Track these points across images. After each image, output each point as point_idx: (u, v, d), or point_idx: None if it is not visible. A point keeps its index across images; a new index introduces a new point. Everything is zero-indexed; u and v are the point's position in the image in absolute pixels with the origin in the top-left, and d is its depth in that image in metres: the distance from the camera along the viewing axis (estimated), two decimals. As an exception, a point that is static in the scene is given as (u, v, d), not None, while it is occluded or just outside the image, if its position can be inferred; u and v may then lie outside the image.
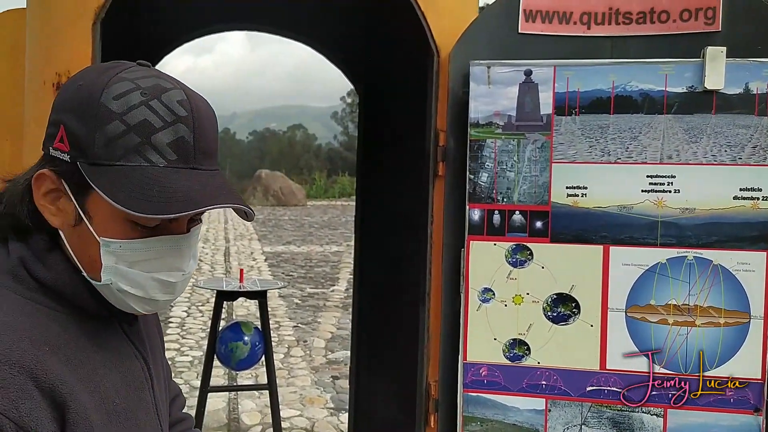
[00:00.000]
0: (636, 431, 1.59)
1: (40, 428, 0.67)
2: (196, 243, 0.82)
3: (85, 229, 0.76)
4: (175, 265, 0.78)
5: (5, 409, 0.65)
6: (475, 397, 1.68)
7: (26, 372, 0.68)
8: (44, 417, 0.68)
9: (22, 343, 0.70)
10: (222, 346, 3.52)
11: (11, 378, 0.67)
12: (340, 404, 4.30)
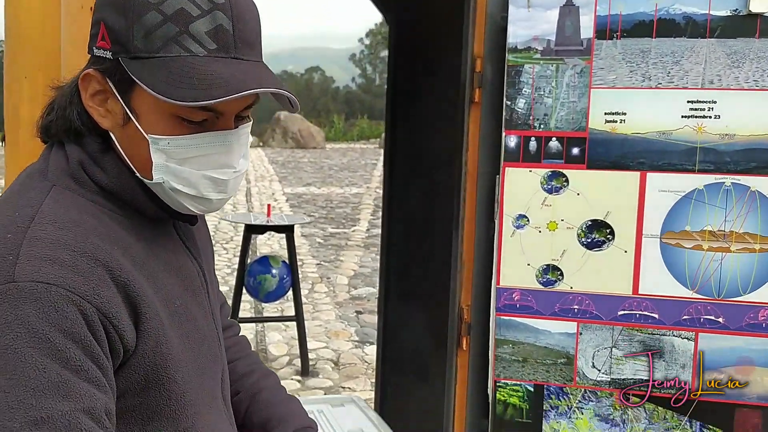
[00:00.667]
0: (666, 354, 1.63)
1: (120, 318, 0.70)
2: (247, 142, 0.82)
3: (134, 128, 0.76)
4: (225, 161, 0.78)
5: (88, 295, 0.68)
6: (508, 320, 1.72)
7: (101, 264, 0.70)
8: (122, 309, 0.71)
9: (93, 238, 0.72)
10: (251, 279, 3.61)
11: (89, 267, 0.69)
12: (364, 337, 4.41)
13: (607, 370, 1.67)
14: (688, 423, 1.63)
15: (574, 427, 1.69)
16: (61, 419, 0.63)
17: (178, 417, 0.79)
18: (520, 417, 1.73)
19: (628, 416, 1.66)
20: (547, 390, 1.71)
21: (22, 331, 0.64)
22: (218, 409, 0.89)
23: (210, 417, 0.85)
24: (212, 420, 0.86)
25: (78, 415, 0.64)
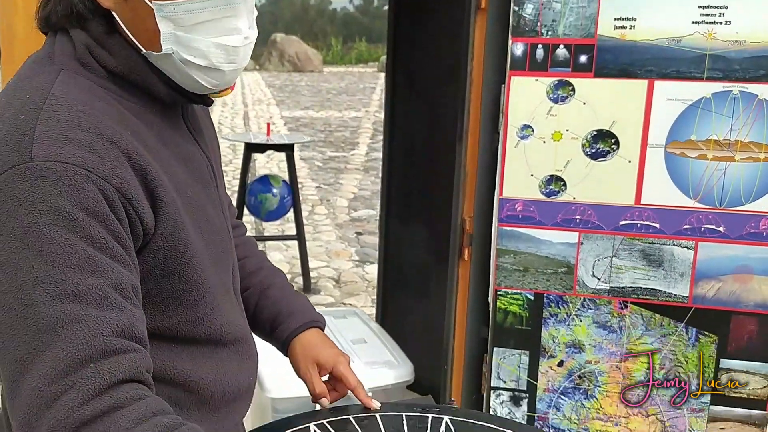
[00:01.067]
0: (666, 263, 1.65)
1: (139, 199, 0.70)
2: (253, 9, 0.80)
3: (136, 0, 0.74)
4: (234, 26, 0.76)
5: (107, 175, 0.67)
6: (510, 231, 1.73)
7: (117, 146, 0.70)
8: (139, 191, 0.71)
9: (106, 121, 0.71)
10: (251, 198, 3.61)
11: (105, 148, 0.68)
12: (364, 257, 4.46)
13: (606, 279, 1.69)
14: (684, 329, 1.67)
15: (572, 333, 1.74)
16: (92, 293, 0.64)
17: (197, 303, 0.80)
18: (519, 324, 1.77)
19: (626, 323, 1.70)
20: (547, 298, 1.74)
21: (45, 209, 0.63)
22: (231, 301, 0.91)
23: (226, 306, 0.87)
24: (227, 310, 0.88)
25: (107, 289, 0.65)
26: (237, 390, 0.90)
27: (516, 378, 1.80)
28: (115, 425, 0.60)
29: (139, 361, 0.67)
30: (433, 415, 0.96)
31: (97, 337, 0.63)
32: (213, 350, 0.85)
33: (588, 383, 1.75)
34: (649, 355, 1.69)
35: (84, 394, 0.60)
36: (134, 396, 0.63)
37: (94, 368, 0.62)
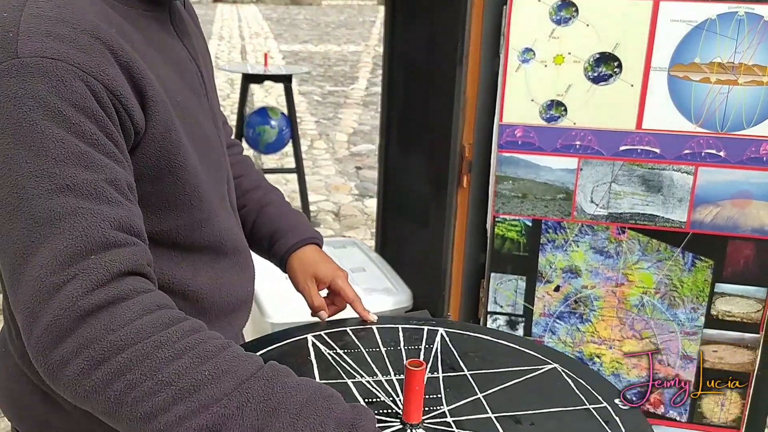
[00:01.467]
0: (665, 188, 1.65)
1: (127, 97, 0.68)
2: None
3: None
4: None
5: (93, 72, 0.65)
6: (509, 157, 1.72)
7: (102, 42, 0.68)
8: (127, 88, 0.69)
9: (91, 17, 0.68)
10: (249, 130, 3.59)
11: (91, 44, 0.66)
12: (364, 191, 4.46)
13: (604, 205, 1.69)
14: (681, 254, 1.68)
15: (569, 259, 1.75)
16: (87, 187, 0.63)
17: (194, 207, 0.80)
18: (517, 250, 1.78)
19: (622, 248, 1.71)
20: (545, 224, 1.74)
21: (34, 105, 0.62)
22: (228, 211, 0.91)
23: (223, 215, 0.87)
24: (224, 218, 0.88)
25: (102, 184, 0.64)
26: (236, 300, 0.91)
27: (513, 303, 1.82)
28: (120, 316, 0.60)
29: (140, 255, 0.66)
30: (429, 327, 0.97)
31: (95, 229, 0.62)
32: (212, 259, 0.86)
33: (583, 308, 1.78)
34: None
35: (87, 284, 0.60)
36: (138, 289, 0.63)
37: (95, 260, 0.61)
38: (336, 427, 0.60)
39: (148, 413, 0.58)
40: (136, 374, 0.58)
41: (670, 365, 1.76)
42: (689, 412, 1.78)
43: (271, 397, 0.60)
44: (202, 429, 0.58)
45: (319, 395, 0.63)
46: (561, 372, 0.87)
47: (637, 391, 0.91)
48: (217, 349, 0.62)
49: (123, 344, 0.59)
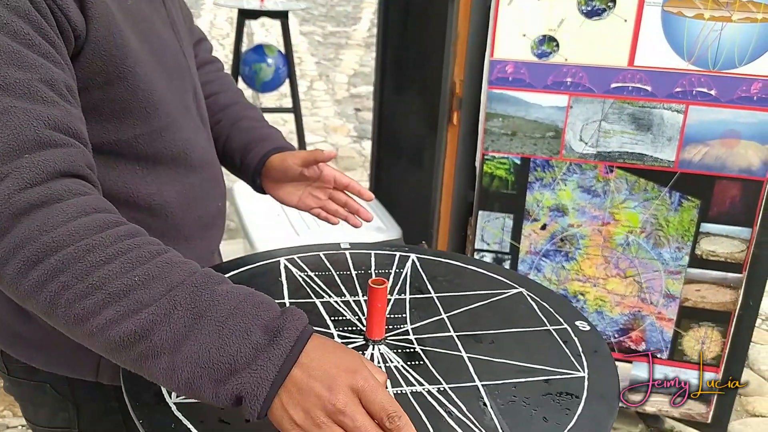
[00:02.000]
0: (654, 127, 1.64)
1: (68, 5, 0.67)
2: None
3: None
4: None
5: None
6: (499, 94, 1.70)
7: None
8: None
9: None
10: (246, 68, 3.54)
11: None
12: (362, 133, 4.43)
13: (593, 143, 1.69)
14: (668, 194, 1.68)
15: (557, 197, 1.75)
16: (20, 87, 0.62)
17: (150, 115, 0.79)
18: (505, 188, 1.78)
19: (610, 187, 1.71)
20: (533, 163, 1.74)
21: None
22: (195, 123, 0.89)
23: (187, 126, 0.86)
24: (187, 129, 0.86)
25: (37, 84, 0.63)
26: (207, 215, 0.91)
27: (499, 240, 1.83)
28: (53, 217, 0.59)
29: (76, 156, 0.64)
30: (401, 254, 0.98)
31: (28, 128, 0.61)
32: (179, 173, 0.85)
33: (569, 246, 1.79)
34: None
35: (20, 182, 0.59)
36: (73, 191, 0.62)
37: (29, 159, 0.60)
38: (262, 333, 0.59)
39: (80, 316, 0.58)
40: (68, 276, 0.58)
41: (652, 304, 1.78)
42: (670, 349, 1.81)
43: (198, 303, 0.59)
44: (130, 333, 0.58)
45: (248, 302, 0.61)
46: (526, 296, 0.88)
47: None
48: (150, 255, 0.61)
49: (56, 246, 0.58)
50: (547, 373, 0.73)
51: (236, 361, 0.57)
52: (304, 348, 0.59)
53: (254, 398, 0.57)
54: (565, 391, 0.70)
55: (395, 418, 0.56)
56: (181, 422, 0.64)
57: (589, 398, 0.69)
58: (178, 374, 0.58)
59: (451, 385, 0.70)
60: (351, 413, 0.56)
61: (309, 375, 0.57)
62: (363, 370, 0.58)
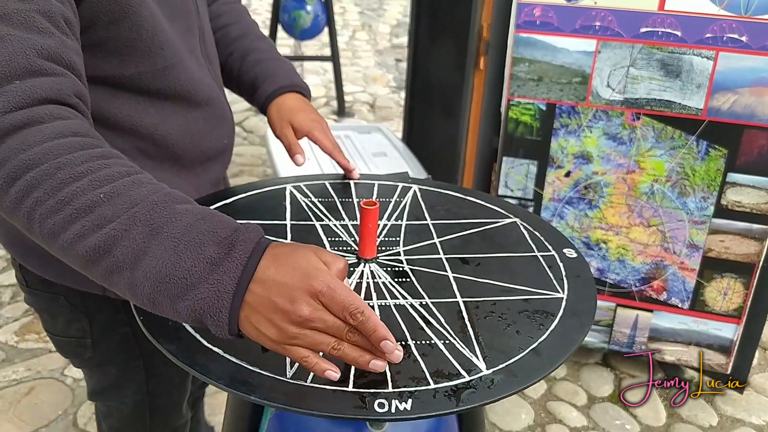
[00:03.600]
0: (683, 73, 1.61)
1: None
2: None
3: None
4: None
5: None
6: (526, 38, 1.69)
7: None
8: None
9: None
10: (285, 15, 3.56)
11: None
12: (401, 84, 4.41)
13: (621, 90, 1.67)
14: (695, 142, 1.66)
15: (582, 144, 1.74)
16: (17, 16, 0.65)
17: (154, 54, 0.81)
18: (530, 135, 1.78)
19: (636, 135, 1.70)
20: (559, 109, 1.73)
21: None
22: (199, 62, 0.92)
23: (190, 65, 0.88)
24: (192, 69, 0.89)
25: (33, 15, 0.66)
26: (211, 150, 0.94)
27: (523, 187, 1.84)
28: (32, 137, 0.62)
29: (65, 85, 0.67)
30: (404, 185, 1.01)
31: (20, 55, 0.64)
32: (183, 108, 0.88)
33: (593, 194, 1.79)
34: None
35: (6, 105, 0.62)
36: (55, 115, 0.65)
37: (18, 85, 0.63)
38: (216, 247, 0.60)
39: (52, 231, 0.61)
40: (41, 192, 0.61)
41: (675, 253, 1.77)
42: (691, 299, 1.81)
43: (156, 219, 0.60)
44: (95, 248, 0.60)
45: (206, 219, 0.62)
46: (519, 225, 0.91)
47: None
48: (119, 175, 0.63)
49: (32, 163, 0.61)
50: (527, 293, 0.76)
51: (191, 275, 0.59)
52: (260, 262, 0.60)
53: (217, 311, 0.59)
54: (542, 309, 0.72)
55: (357, 314, 0.58)
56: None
57: (564, 317, 0.71)
58: (140, 290, 0.60)
59: (433, 300, 0.74)
60: (318, 317, 0.58)
61: (268, 290, 0.58)
62: (319, 273, 0.59)
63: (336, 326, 0.59)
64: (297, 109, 1.02)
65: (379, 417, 0.58)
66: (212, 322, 0.59)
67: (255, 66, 1.05)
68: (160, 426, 1.11)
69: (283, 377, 0.62)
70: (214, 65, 0.98)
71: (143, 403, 1.05)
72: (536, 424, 1.86)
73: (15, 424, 1.75)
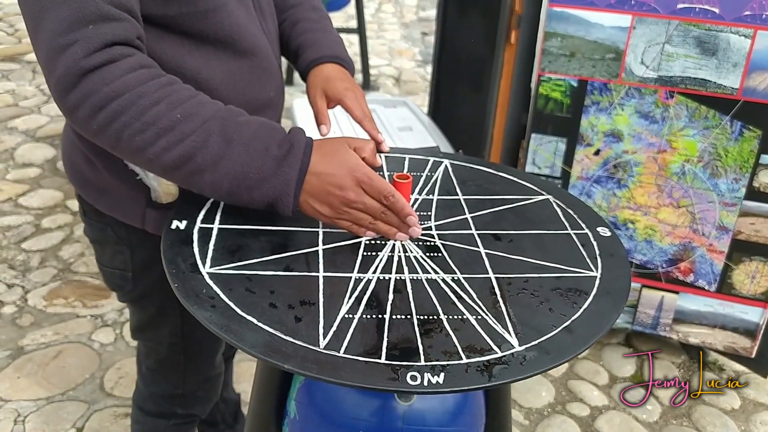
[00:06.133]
0: (720, 52, 1.57)
1: None
2: None
3: None
4: None
5: None
6: (560, 12, 1.66)
7: None
8: None
9: None
10: (313, -14, 3.52)
11: None
12: (427, 57, 4.38)
13: (655, 67, 1.63)
14: (729, 122, 1.62)
15: (613, 122, 1.72)
16: None
17: None
18: (560, 111, 1.76)
19: (669, 114, 1.67)
20: (591, 85, 1.71)
21: None
22: (248, 11, 0.93)
23: (238, 12, 0.90)
24: (240, 16, 0.90)
25: None
26: (255, 101, 0.95)
27: (551, 164, 1.82)
28: (111, 73, 0.73)
29: (130, 30, 0.76)
30: (435, 159, 1.00)
31: (91, 2, 0.73)
32: (227, 55, 0.90)
33: (622, 173, 1.77)
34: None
35: (86, 49, 0.72)
36: (126, 54, 0.75)
37: (93, 30, 0.73)
38: (278, 148, 0.76)
39: (140, 146, 0.75)
40: (128, 117, 0.74)
41: (704, 235, 1.75)
42: (719, 282, 1.79)
43: (226, 131, 0.76)
44: (179, 157, 0.75)
45: (266, 127, 0.78)
46: (552, 202, 0.90)
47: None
48: (186, 97, 0.76)
49: (115, 94, 0.73)
50: (559, 271, 0.75)
51: (262, 170, 0.76)
52: (311, 158, 0.77)
53: (286, 195, 0.76)
54: (575, 287, 0.72)
55: (389, 196, 0.78)
56: (210, 287, 0.70)
57: (597, 295, 0.71)
58: (220, 185, 0.76)
59: (465, 275, 0.73)
60: (360, 200, 0.78)
61: (322, 180, 0.77)
62: (359, 166, 0.78)
63: (373, 207, 0.78)
64: (333, 78, 1.02)
65: (412, 389, 0.59)
66: (281, 203, 0.77)
67: (302, 34, 1.07)
68: (193, 373, 1.17)
69: (317, 347, 0.62)
70: (267, 18, 0.99)
71: (178, 346, 1.11)
72: (557, 401, 1.86)
73: (43, 387, 1.79)
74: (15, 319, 2.03)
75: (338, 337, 0.64)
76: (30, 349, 1.92)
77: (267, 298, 0.68)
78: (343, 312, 0.68)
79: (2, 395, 1.76)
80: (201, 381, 1.21)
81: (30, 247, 2.37)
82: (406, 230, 0.79)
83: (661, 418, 1.81)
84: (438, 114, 2.75)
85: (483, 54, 2.33)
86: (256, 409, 0.89)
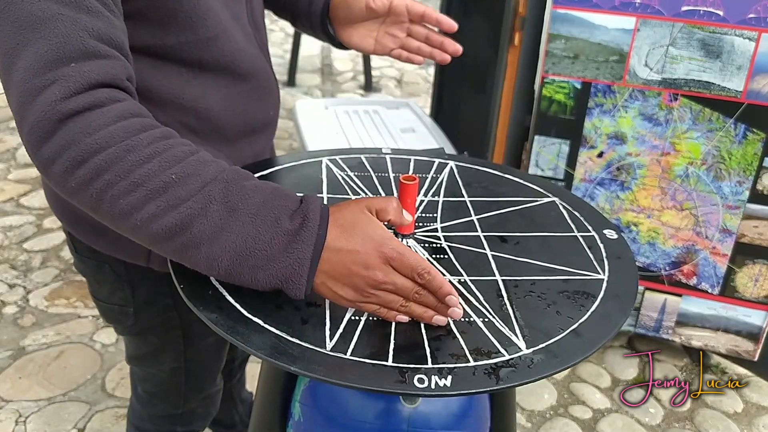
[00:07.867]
0: (724, 54, 1.57)
1: None
2: None
3: None
4: None
5: None
6: (564, 14, 1.66)
7: None
8: None
9: None
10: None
11: None
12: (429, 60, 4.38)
13: (659, 69, 1.63)
14: (733, 125, 1.62)
15: (616, 125, 1.72)
16: None
17: (195, 25, 0.80)
18: (563, 113, 1.76)
19: (673, 116, 1.66)
20: (594, 88, 1.70)
21: None
22: (245, 32, 0.90)
23: (234, 35, 0.87)
24: (237, 39, 0.87)
25: None
26: (254, 122, 0.93)
27: (554, 167, 1.82)
28: (95, 121, 0.63)
29: (118, 68, 0.67)
30: (440, 161, 1.00)
31: (74, 37, 0.64)
32: (225, 80, 0.87)
33: (625, 175, 1.76)
34: (691, 149, 1.67)
35: (65, 90, 0.62)
36: (113, 98, 0.65)
37: (75, 68, 0.63)
38: (290, 220, 0.65)
39: (125, 211, 0.63)
40: (112, 175, 0.62)
41: (707, 238, 1.75)
42: (722, 285, 1.78)
43: (231, 197, 0.64)
44: (171, 226, 0.63)
45: (275, 195, 0.67)
46: (559, 205, 0.90)
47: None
48: (184, 154, 0.65)
49: (98, 147, 0.62)
50: (567, 273, 0.75)
51: (271, 247, 0.64)
52: (328, 232, 0.65)
53: (298, 277, 0.64)
54: (582, 290, 0.72)
55: (424, 274, 0.65)
56: (216, 289, 0.69)
57: (604, 298, 0.71)
58: (218, 263, 0.64)
59: (472, 277, 0.73)
60: (390, 280, 0.65)
61: (342, 258, 0.65)
62: (386, 240, 0.65)
63: (405, 287, 0.65)
64: None
65: (419, 392, 0.58)
66: (292, 286, 0.65)
67: None
68: (194, 392, 1.13)
69: (323, 349, 0.62)
70: (261, 32, 0.96)
71: (180, 370, 1.07)
72: (559, 404, 1.86)
73: (44, 387, 1.79)
74: (16, 320, 2.03)
75: (345, 339, 0.64)
76: (31, 350, 1.92)
77: (273, 300, 0.68)
78: (350, 314, 0.68)
79: (3, 395, 1.76)
80: (201, 399, 1.17)
81: (31, 248, 2.37)
82: (444, 312, 0.66)
83: (664, 421, 1.81)
84: (441, 116, 2.75)
85: (486, 56, 2.33)
86: (260, 410, 0.89)
